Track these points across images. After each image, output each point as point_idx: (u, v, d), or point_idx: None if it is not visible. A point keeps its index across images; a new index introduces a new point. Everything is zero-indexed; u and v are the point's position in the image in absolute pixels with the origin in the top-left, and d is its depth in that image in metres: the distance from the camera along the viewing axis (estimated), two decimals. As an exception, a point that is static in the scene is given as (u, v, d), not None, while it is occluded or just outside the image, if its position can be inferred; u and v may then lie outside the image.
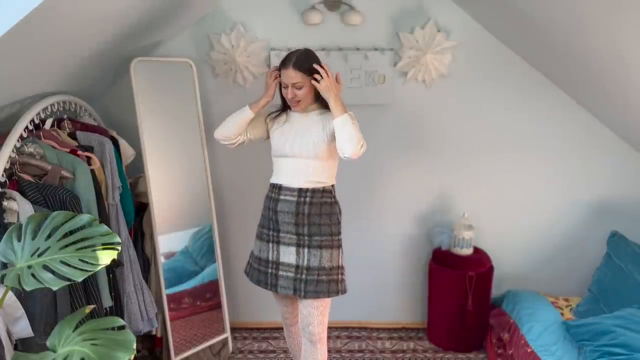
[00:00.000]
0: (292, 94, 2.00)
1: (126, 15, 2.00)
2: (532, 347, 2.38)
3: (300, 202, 2.02)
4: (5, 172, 1.77)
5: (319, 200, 2.04)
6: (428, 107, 2.83)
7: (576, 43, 2.19)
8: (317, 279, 2.02)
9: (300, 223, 2.03)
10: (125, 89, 2.55)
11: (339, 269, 2.08)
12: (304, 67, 1.97)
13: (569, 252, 2.99)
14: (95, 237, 1.32)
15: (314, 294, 2.02)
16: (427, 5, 2.68)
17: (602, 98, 2.60)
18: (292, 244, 2.05)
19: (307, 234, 2.03)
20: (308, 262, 2.03)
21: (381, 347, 2.93)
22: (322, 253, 2.03)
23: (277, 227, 2.08)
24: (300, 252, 2.05)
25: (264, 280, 2.12)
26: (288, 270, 2.06)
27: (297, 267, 2.05)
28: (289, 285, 2.05)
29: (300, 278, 2.03)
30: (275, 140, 2.10)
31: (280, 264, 2.08)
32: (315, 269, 2.02)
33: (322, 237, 2.04)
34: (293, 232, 2.04)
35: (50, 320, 1.71)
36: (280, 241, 2.08)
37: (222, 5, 2.70)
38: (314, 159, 2.02)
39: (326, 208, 2.05)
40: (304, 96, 2.01)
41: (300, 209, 2.02)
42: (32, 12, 1.36)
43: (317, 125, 2.03)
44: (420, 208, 2.98)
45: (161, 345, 2.66)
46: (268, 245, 2.11)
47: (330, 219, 2.06)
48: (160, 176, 2.49)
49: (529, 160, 2.88)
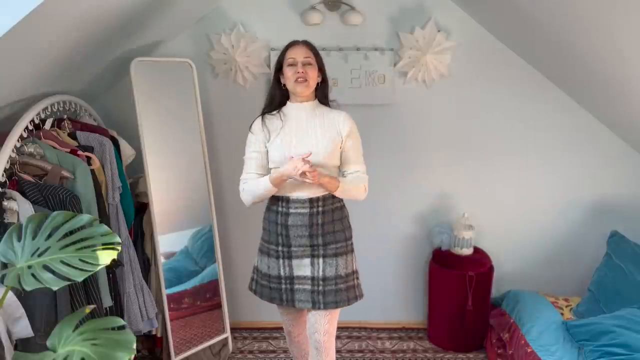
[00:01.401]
0: (301, 69, 1.90)
1: (126, 14, 2.00)
2: (532, 347, 2.38)
3: (313, 213, 1.93)
4: (5, 172, 1.77)
5: (331, 207, 1.97)
6: (428, 107, 2.83)
7: (576, 43, 2.19)
8: (336, 289, 1.94)
9: (314, 234, 1.94)
10: (125, 89, 2.55)
11: (354, 273, 2.02)
12: (314, 49, 1.96)
13: (569, 252, 2.99)
14: (95, 237, 1.32)
15: (334, 304, 1.95)
16: (427, 5, 2.68)
17: (602, 98, 2.60)
18: (306, 255, 1.96)
19: (322, 244, 1.95)
20: (324, 272, 1.94)
21: (381, 347, 2.93)
22: (338, 261, 1.96)
23: (287, 242, 1.96)
24: (315, 263, 1.95)
25: (279, 297, 2.00)
26: (304, 283, 1.96)
27: (313, 278, 1.95)
28: (307, 299, 1.96)
29: (317, 290, 1.95)
30: (275, 151, 1.94)
31: (295, 278, 1.98)
32: (332, 278, 1.94)
33: (337, 245, 1.97)
34: (307, 244, 1.95)
35: (50, 320, 1.71)
36: (293, 255, 1.96)
37: (222, 5, 2.70)
38: (323, 167, 1.92)
39: (337, 213, 1.99)
40: (312, 76, 1.92)
41: (313, 220, 1.93)
42: (32, 12, 1.36)
43: (318, 127, 1.95)
44: (420, 208, 2.98)
45: (161, 345, 2.66)
46: (278, 262, 1.99)
47: (342, 224, 2.01)
48: (160, 176, 2.49)
49: (529, 160, 2.88)
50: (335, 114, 1.99)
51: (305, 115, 1.97)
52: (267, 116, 2.01)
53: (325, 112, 1.99)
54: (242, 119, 2.81)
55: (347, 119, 1.99)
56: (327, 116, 1.98)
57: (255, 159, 1.99)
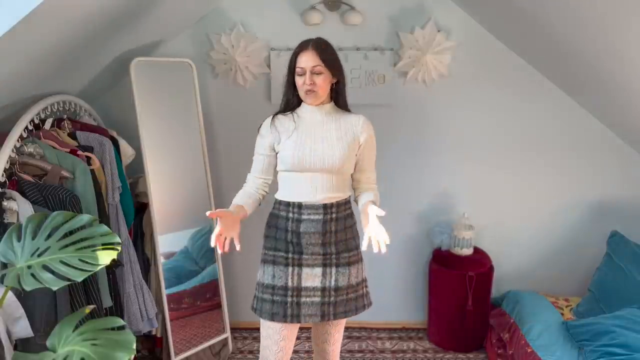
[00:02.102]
0: (309, 80, 1.75)
1: (127, 14, 2.00)
2: (532, 347, 2.38)
3: (327, 220, 1.83)
4: (5, 172, 1.77)
5: (343, 213, 1.88)
6: (428, 107, 2.83)
7: (576, 43, 2.19)
8: (346, 298, 1.87)
9: (327, 242, 1.84)
10: (125, 89, 2.55)
11: (363, 282, 1.94)
12: (325, 52, 1.77)
13: (569, 252, 2.98)
14: (95, 237, 1.32)
15: (343, 314, 1.88)
16: (427, 5, 2.68)
17: (602, 98, 2.60)
18: (318, 264, 1.84)
19: (335, 252, 1.85)
20: (336, 282, 1.84)
21: (381, 347, 2.93)
22: (350, 270, 1.87)
23: (299, 250, 1.84)
24: (327, 273, 1.84)
25: (282, 312, 1.82)
26: (313, 296, 1.84)
27: (324, 289, 1.84)
28: (315, 312, 1.83)
29: (328, 302, 1.84)
30: (287, 153, 1.81)
31: (302, 290, 1.84)
32: (344, 288, 1.86)
33: (349, 254, 1.88)
34: (320, 252, 1.83)
35: (50, 321, 1.71)
36: (303, 263, 1.84)
37: (222, 5, 2.70)
38: (338, 173, 1.83)
39: (349, 220, 1.91)
40: (322, 85, 1.77)
41: (327, 227, 1.83)
42: (32, 12, 1.36)
43: (334, 131, 1.83)
44: (420, 208, 2.98)
45: (161, 345, 2.66)
46: (287, 270, 1.84)
47: (353, 231, 1.92)
48: (160, 176, 2.49)
49: (529, 160, 2.88)
50: (353, 118, 1.88)
51: (321, 118, 1.85)
52: (278, 116, 1.88)
53: (343, 115, 1.87)
54: (242, 118, 2.83)
55: (366, 123, 1.88)
56: (345, 120, 1.86)
57: (259, 161, 1.91)
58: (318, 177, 1.81)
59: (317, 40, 1.81)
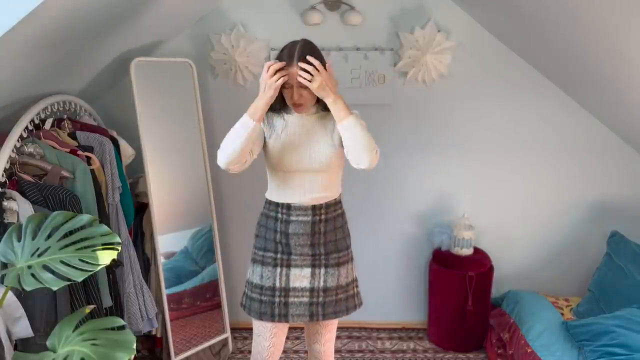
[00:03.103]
0: (297, 95, 1.70)
1: (127, 14, 2.00)
2: (532, 347, 2.38)
3: (315, 221, 1.82)
4: (5, 172, 1.77)
5: (333, 214, 1.87)
6: (428, 107, 2.83)
7: (576, 43, 2.19)
8: (336, 299, 1.87)
9: (316, 243, 1.84)
10: (125, 89, 2.55)
11: (354, 282, 1.95)
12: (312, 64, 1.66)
13: (569, 252, 2.98)
14: (95, 237, 1.32)
15: (333, 315, 1.88)
16: (427, 5, 2.68)
17: (602, 98, 2.59)
18: (307, 265, 1.84)
19: (324, 253, 1.85)
20: (325, 283, 1.85)
21: (381, 347, 2.93)
22: (340, 271, 1.87)
23: (287, 250, 1.84)
24: (315, 274, 1.85)
25: (269, 312, 1.84)
26: (301, 296, 1.84)
27: (312, 289, 1.84)
28: (303, 312, 1.84)
29: (317, 302, 1.85)
30: (275, 152, 1.80)
31: (291, 290, 1.84)
32: (333, 288, 1.86)
33: (339, 254, 1.88)
34: (309, 253, 1.84)
35: (50, 321, 1.71)
36: (292, 264, 1.84)
37: (222, 5, 2.70)
38: (326, 172, 1.81)
39: (339, 221, 1.90)
40: (309, 97, 1.72)
41: (316, 229, 1.83)
42: (32, 12, 1.36)
43: (320, 130, 1.80)
44: (420, 208, 2.98)
45: (161, 345, 2.66)
46: (275, 270, 1.84)
47: (343, 231, 1.92)
48: (160, 176, 2.49)
49: (529, 160, 2.88)
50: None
51: (308, 118, 1.82)
52: (271, 113, 1.82)
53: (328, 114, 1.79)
54: (242, 119, 2.83)
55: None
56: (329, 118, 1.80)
57: None
58: (307, 178, 1.80)
59: (301, 51, 1.68)
